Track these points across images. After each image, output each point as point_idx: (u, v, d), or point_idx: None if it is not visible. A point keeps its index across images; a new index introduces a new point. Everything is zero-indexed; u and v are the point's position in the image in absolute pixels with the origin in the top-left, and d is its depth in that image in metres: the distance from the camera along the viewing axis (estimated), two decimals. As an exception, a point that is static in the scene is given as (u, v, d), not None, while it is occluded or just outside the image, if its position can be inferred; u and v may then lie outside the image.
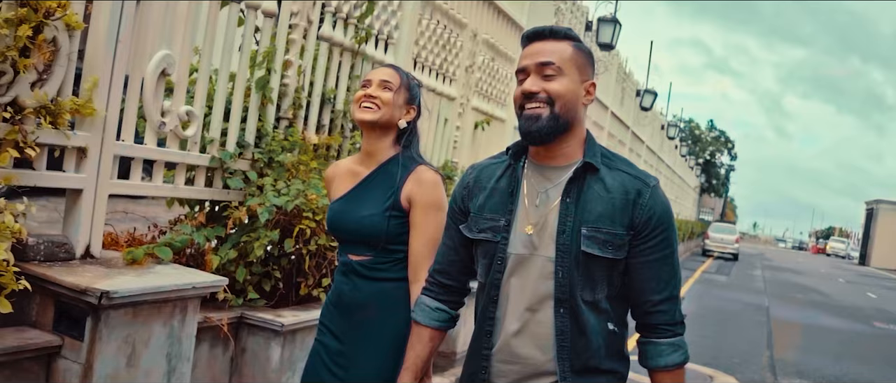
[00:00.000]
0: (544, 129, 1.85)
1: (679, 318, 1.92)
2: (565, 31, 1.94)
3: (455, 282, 2.14)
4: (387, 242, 2.41)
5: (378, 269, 2.42)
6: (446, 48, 6.31)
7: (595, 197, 1.86)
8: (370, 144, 2.50)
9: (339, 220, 2.49)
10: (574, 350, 1.87)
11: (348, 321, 2.45)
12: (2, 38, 2.69)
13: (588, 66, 1.95)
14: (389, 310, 2.40)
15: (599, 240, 1.84)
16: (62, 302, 2.79)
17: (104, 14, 3.09)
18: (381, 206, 2.41)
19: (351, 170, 2.56)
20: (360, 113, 2.45)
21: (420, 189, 2.40)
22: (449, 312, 2.16)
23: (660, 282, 1.88)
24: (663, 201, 1.91)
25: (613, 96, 14.04)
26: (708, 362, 7.80)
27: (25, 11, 2.74)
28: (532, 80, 1.88)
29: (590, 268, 1.85)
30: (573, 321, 1.86)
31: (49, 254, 2.94)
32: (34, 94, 2.81)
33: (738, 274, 23.41)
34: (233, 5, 3.87)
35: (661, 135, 22.75)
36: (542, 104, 1.86)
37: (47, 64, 2.86)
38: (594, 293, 1.87)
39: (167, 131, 3.51)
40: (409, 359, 2.17)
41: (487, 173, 2.05)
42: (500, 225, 1.94)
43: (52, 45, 2.85)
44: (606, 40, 10.93)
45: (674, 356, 1.90)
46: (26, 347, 2.71)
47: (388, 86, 2.47)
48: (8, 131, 2.73)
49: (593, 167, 1.88)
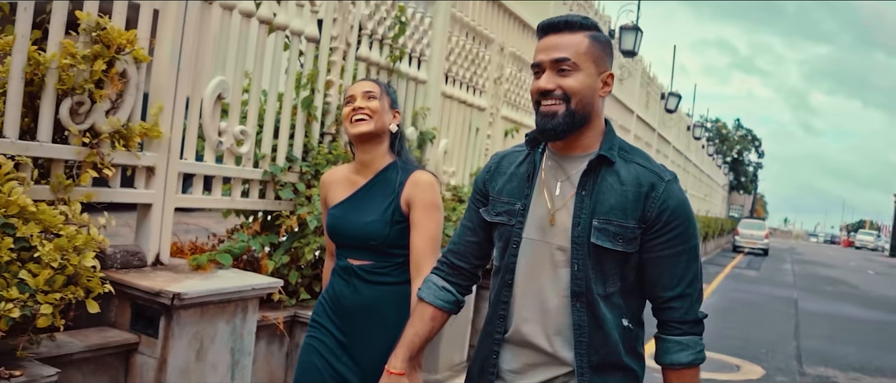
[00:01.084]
0: (560, 127, 1.79)
1: (692, 317, 1.80)
2: (581, 20, 1.84)
3: (466, 264, 2.04)
4: (388, 246, 2.40)
5: (379, 273, 2.42)
6: (475, 62, 6.49)
7: (608, 189, 1.79)
8: (366, 154, 2.49)
9: (339, 225, 2.47)
10: (592, 345, 1.80)
11: (350, 323, 2.44)
12: (80, 72, 2.94)
13: (605, 56, 1.85)
14: (391, 312, 2.40)
15: (610, 233, 1.77)
16: (138, 304, 3.03)
17: (166, 47, 3.34)
18: (383, 212, 2.40)
19: (348, 178, 2.54)
20: (355, 127, 2.43)
21: (418, 190, 2.40)
22: (455, 295, 2.05)
23: (672, 278, 1.79)
24: (678, 196, 1.80)
25: (638, 100, 14.09)
26: (735, 352, 7.85)
27: (99, 48, 2.99)
28: (547, 76, 1.81)
29: (601, 260, 1.78)
30: (590, 315, 1.80)
31: (125, 261, 3.19)
32: (109, 121, 3.06)
33: (767, 268, 23.18)
34: (279, 32, 4.10)
35: (688, 136, 22.65)
36: (557, 101, 1.78)
37: (119, 93, 3.11)
38: (606, 287, 1.80)
39: (224, 149, 3.75)
40: (406, 336, 2.04)
41: (509, 159, 2.00)
42: (516, 209, 1.89)
43: (122, 77, 3.10)
44: (629, 47, 11.01)
45: (679, 355, 1.79)
46: (108, 344, 2.95)
47: (372, 95, 2.46)
48: (87, 154, 2.99)
49: (608, 160, 1.80)
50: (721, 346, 8.09)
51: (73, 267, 2.45)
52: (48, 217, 2.53)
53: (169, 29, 3.35)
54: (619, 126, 12.53)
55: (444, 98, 5.98)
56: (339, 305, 2.45)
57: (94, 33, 2.99)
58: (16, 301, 2.25)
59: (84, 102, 2.98)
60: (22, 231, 2.39)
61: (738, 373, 6.91)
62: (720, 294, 13.77)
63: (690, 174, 24.25)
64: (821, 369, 7.55)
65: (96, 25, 2.99)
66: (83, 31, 2.98)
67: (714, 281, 16.37)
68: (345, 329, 2.44)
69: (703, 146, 27.88)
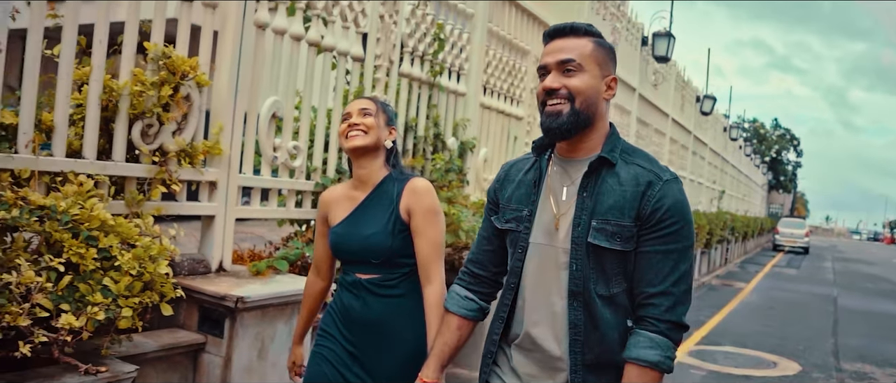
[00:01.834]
0: (565, 125, 1.78)
1: (670, 317, 1.72)
2: (585, 27, 1.85)
3: (486, 273, 2.04)
4: (393, 256, 2.36)
5: (387, 286, 2.37)
6: (512, 74, 6.61)
7: (608, 190, 1.77)
8: (362, 168, 2.44)
9: (343, 242, 2.42)
10: (587, 344, 1.77)
11: (360, 335, 2.39)
12: (149, 97, 3.15)
13: (609, 61, 1.85)
14: (401, 325, 2.36)
15: (608, 232, 1.74)
16: (205, 308, 3.22)
17: (225, 71, 3.54)
18: (385, 224, 2.36)
19: (347, 195, 2.49)
20: (350, 141, 2.40)
21: (415, 198, 2.36)
22: (478, 302, 2.05)
23: (657, 275, 1.73)
24: (676, 196, 1.75)
25: (673, 104, 14.03)
26: (772, 349, 7.81)
27: (165, 74, 3.20)
28: (553, 76, 1.81)
29: (601, 260, 1.76)
30: (587, 315, 1.77)
31: (192, 268, 3.39)
32: (175, 141, 3.27)
33: (808, 266, 22.77)
34: (326, 53, 4.28)
35: (725, 137, 22.38)
36: (562, 100, 1.78)
37: (184, 115, 3.31)
38: (609, 287, 1.76)
39: (279, 163, 3.94)
40: (436, 346, 2.05)
41: (517, 167, 2.00)
42: (524, 215, 1.88)
43: (187, 100, 3.30)
44: (662, 53, 10.98)
45: (647, 351, 1.70)
46: (179, 344, 3.15)
47: (368, 112, 2.43)
48: (157, 172, 3.20)
49: (609, 161, 1.79)
50: (758, 343, 8.06)
51: (150, 274, 2.65)
52: (125, 229, 2.73)
53: (227, 54, 3.56)
54: (654, 130, 12.52)
55: (483, 109, 6.12)
56: (348, 317, 2.40)
57: (161, 61, 3.20)
58: (100, 305, 2.45)
59: (153, 124, 3.20)
60: (103, 242, 2.59)
61: (774, 370, 6.89)
62: (759, 292, 13.63)
63: (728, 175, 23.94)
64: (858, 365, 7.47)
65: (162, 54, 3.20)
66: (151, 59, 3.19)
67: (753, 280, 16.20)
68: (355, 341, 2.39)
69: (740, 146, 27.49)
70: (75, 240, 2.51)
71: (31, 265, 2.36)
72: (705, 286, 13.87)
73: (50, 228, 2.48)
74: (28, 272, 2.31)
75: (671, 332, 1.71)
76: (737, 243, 21.97)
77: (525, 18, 6.81)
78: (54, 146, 2.92)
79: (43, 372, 2.42)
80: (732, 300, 12.05)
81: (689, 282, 1.76)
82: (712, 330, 8.78)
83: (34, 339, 2.29)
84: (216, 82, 3.55)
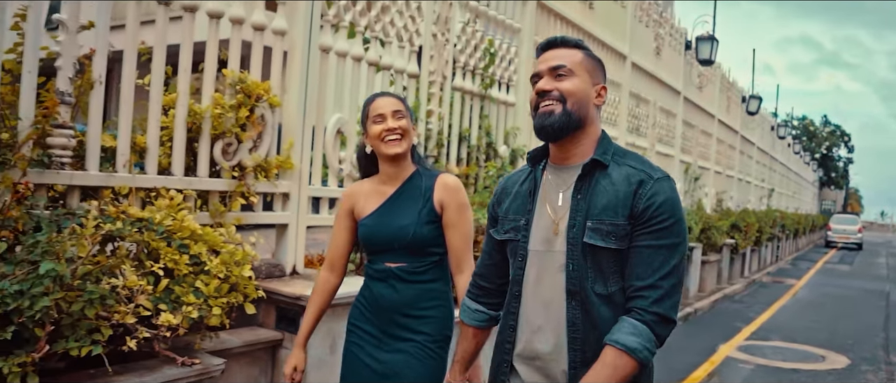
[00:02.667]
0: (556, 124, 1.78)
1: (657, 309, 1.69)
2: (576, 41, 1.89)
3: (491, 284, 2.05)
4: (423, 245, 2.40)
5: (416, 273, 2.41)
6: (559, 82, 6.72)
7: (601, 191, 1.76)
8: (394, 167, 2.46)
9: (374, 233, 2.44)
10: (585, 342, 1.75)
11: (389, 322, 2.42)
12: (228, 118, 3.39)
13: (598, 70, 1.87)
14: (431, 304, 2.41)
15: (602, 232, 1.73)
16: (281, 307, 3.44)
17: (294, 93, 3.77)
18: (418, 214, 2.39)
19: (375, 190, 2.50)
20: (390, 147, 2.40)
21: (450, 193, 2.41)
22: (487, 312, 2.08)
23: (647, 269, 1.71)
24: (668, 193, 1.74)
25: (719, 105, 13.89)
26: (821, 344, 7.70)
27: (242, 98, 3.43)
28: (545, 80, 1.82)
29: (598, 260, 1.75)
30: (584, 313, 1.76)
31: (268, 272, 3.62)
32: (252, 157, 3.50)
33: (861, 262, 22.14)
34: (385, 71, 4.48)
35: (772, 136, 21.98)
36: (554, 102, 1.79)
37: (259, 133, 3.54)
38: (607, 286, 1.75)
39: (344, 174, 4.15)
40: (457, 354, 2.14)
41: (513, 180, 2.01)
42: (521, 224, 1.88)
43: (261, 120, 3.53)
44: (705, 56, 10.92)
45: (628, 337, 1.67)
46: (259, 341, 3.37)
47: (401, 114, 2.43)
48: (237, 185, 3.43)
49: (601, 164, 1.79)
50: (807, 338, 7.97)
51: (235, 277, 2.87)
52: (212, 238, 2.96)
53: (295, 76, 3.78)
54: (700, 131, 12.44)
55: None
56: (377, 305, 2.44)
57: (238, 86, 3.43)
58: (194, 305, 2.68)
59: (232, 143, 3.43)
60: (194, 249, 2.83)
61: (822, 363, 6.82)
62: (809, 288, 13.38)
63: (777, 172, 23.48)
64: (909, 358, 7.35)
65: (239, 80, 3.43)
66: (229, 84, 3.43)
67: (804, 276, 15.88)
68: (384, 327, 2.42)
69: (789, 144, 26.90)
70: (170, 248, 2.75)
71: (133, 270, 2.60)
72: (756, 283, 13.66)
73: (148, 238, 2.72)
74: (131, 277, 2.55)
75: (656, 325, 1.69)
76: (788, 240, 21.51)
77: (569, 29, 6.93)
78: (147, 165, 3.17)
79: (146, 364, 2.65)
80: (783, 296, 11.88)
81: (679, 277, 1.74)
82: (761, 326, 8.70)
83: (138, 335, 2.52)
84: (286, 102, 3.77)
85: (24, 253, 2.38)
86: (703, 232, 10.37)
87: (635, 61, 8.80)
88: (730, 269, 12.65)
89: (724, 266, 12.17)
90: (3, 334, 2.15)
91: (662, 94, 10.11)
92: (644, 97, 9.28)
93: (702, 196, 12.15)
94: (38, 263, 2.29)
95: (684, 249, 1.76)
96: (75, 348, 2.32)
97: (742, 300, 11.15)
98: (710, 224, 10.65)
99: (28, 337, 2.25)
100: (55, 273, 2.25)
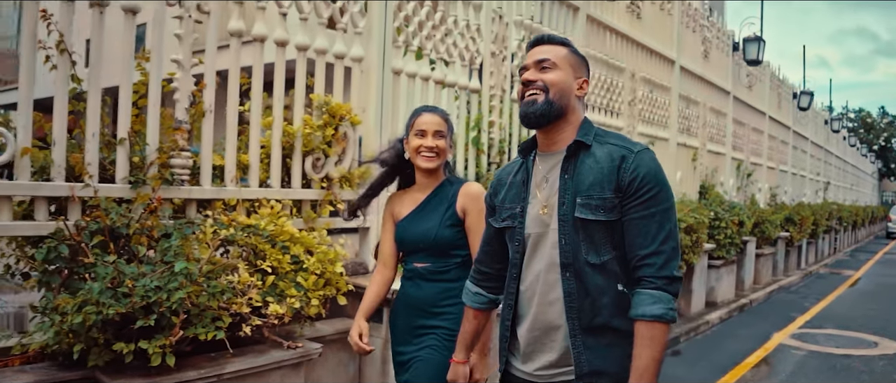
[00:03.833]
0: (538, 110, 1.85)
1: (666, 273, 1.75)
2: (562, 39, 1.96)
3: (490, 269, 2.10)
4: (445, 247, 2.48)
5: (438, 273, 2.50)
6: (610, 90, 6.89)
7: (587, 169, 1.82)
8: (426, 178, 2.57)
9: (404, 235, 2.57)
10: (581, 309, 1.81)
11: (415, 318, 2.52)
12: (316, 137, 3.73)
13: (581, 65, 1.94)
14: (449, 302, 2.48)
15: (591, 206, 1.79)
16: (367, 300, 3.74)
17: (372, 111, 4.08)
18: (440, 218, 2.49)
19: (411, 196, 2.62)
20: (424, 163, 2.51)
21: (471, 200, 2.48)
22: (486, 295, 2.13)
23: (646, 238, 1.76)
24: (649, 164, 1.80)
25: (769, 102, 13.70)
26: (875, 331, 7.56)
27: (327, 118, 3.77)
28: (531, 72, 1.89)
29: (589, 232, 1.80)
30: (578, 283, 1.81)
31: (354, 269, 3.93)
32: (337, 169, 3.83)
33: (922, 252, 21.33)
34: (449, 88, 4.76)
35: (826, 130, 21.40)
36: (538, 91, 1.86)
37: (343, 149, 3.87)
38: (599, 256, 1.80)
39: (416, 182, 4.45)
40: (461, 334, 2.20)
41: (506, 171, 2.07)
42: (517, 212, 1.93)
43: (344, 137, 3.86)
44: (752, 57, 10.85)
45: (652, 307, 1.73)
46: (348, 329, 3.61)
47: (442, 134, 2.52)
48: (325, 195, 3.76)
49: (584, 144, 1.85)
50: (860, 326, 7.86)
51: (329, 273, 3.19)
52: (307, 240, 3.29)
53: (372, 96, 4.10)
54: (751, 129, 12.32)
55: (585, 123, 6.43)
56: (406, 303, 2.57)
57: (324, 108, 3.77)
58: (296, 297, 3.00)
59: (320, 158, 3.77)
60: (293, 250, 3.16)
61: (874, 349, 6.75)
62: (867, 279, 13.02)
63: (833, 166, 22.81)
64: (965, 344, 7.18)
65: (324, 102, 3.77)
66: (316, 107, 3.77)
67: (862, 267, 15.42)
68: (410, 322, 2.54)
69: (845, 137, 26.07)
70: (274, 250, 3.08)
71: (246, 268, 2.94)
72: (813, 275, 13.39)
73: (255, 241, 3.06)
74: (244, 274, 2.89)
75: (668, 287, 1.75)
76: (846, 232, 20.89)
77: (618, 39, 7.09)
78: (250, 179, 3.53)
79: (256, 348, 2.98)
80: (839, 287, 11.63)
81: (676, 239, 1.81)
82: (816, 316, 8.61)
83: (251, 323, 2.85)
84: (365, 119, 4.09)
85: (158, 255, 2.75)
86: (757, 226, 10.29)
87: (683, 65, 8.86)
88: (786, 262, 12.47)
89: (780, 258, 12.00)
90: (147, 321, 2.49)
91: (712, 95, 10.11)
92: (693, 99, 9.32)
93: (755, 191, 12.03)
94: (171, 264, 2.65)
95: (674, 213, 1.83)
96: (202, 333, 2.65)
97: (798, 291, 10.99)
98: (764, 218, 10.56)
99: (165, 324, 2.59)
100: (187, 271, 2.59)
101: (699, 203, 8.40)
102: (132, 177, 3.01)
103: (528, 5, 5.57)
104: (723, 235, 8.37)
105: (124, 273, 2.54)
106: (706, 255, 8.05)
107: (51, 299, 2.56)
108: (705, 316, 7.64)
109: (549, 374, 1.89)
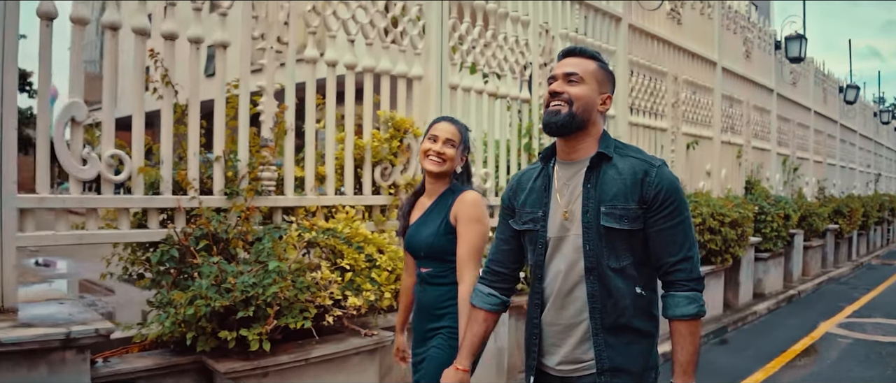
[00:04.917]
0: (560, 121, 1.86)
1: (695, 275, 1.85)
2: (592, 52, 1.95)
3: (505, 270, 2.09)
4: (442, 253, 2.45)
5: (439, 277, 2.47)
6: (654, 94, 6.98)
7: (610, 180, 1.85)
8: (433, 184, 2.55)
9: (411, 240, 2.56)
10: (604, 310, 1.86)
11: (423, 321, 2.52)
12: (383, 148, 3.99)
13: (607, 82, 1.94)
14: (447, 304, 2.45)
15: (616, 216, 1.83)
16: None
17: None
18: (438, 226, 2.46)
19: (421, 202, 2.62)
20: (429, 165, 2.50)
21: (462, 207, 2.43)
22: (499, 297, 2.09)
23: (674, 246, 1.84)
24: (669, 178, 1.86)
25: (814, 98, 13.41)
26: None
27: (393, 131, 4.03)
28: (558, 83, 1.90)
29: (611, 239, 1.84)
30: (602, 285, 1.85)
31: (419, 267, 4.17)
32: (403, 177, 4.08)
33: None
34: (502, 99, 4.97)
35: (876, 122, 20.67)
36: (563, 103, 1.87)
37: (407, 159, 4.12)
38: (620, 261, 1.85)
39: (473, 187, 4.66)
40: (466, 338, 2.09)
41: (527, 176, 2.06)
42: (538, 216, 1.95)
43: (408, 148, 4.11)
44: (795, 54, 10.67)
45: (689, 307, 1.82)
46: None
47: (453, 143, 2.50)
48: (392, 200, 4.02)
49: (606, 156, 1.88)
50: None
51: (399, 270, 3.44)
52: (379, 241, 3.55)
53: (431, 109, 4.33)
54: (797, 124, 12.11)
55: (632, 126, 6.54)
56: (417, 307, 2.57)
57: (389, 122, 4.03)
58: (370, 290, 3.26)
59: (387, 167, 4.03)
60: (367, 250, 3.42)
61: (923, 334, 6.66)
62: (918, 269, 12.64)
63: (884, 157, 22.03)
64: None
65: (390, 118, 4.03)
66: (383, 122, 4.03)
67: (915, 256, 14.94)
68: (421, 324, 2.54)
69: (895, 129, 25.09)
70: (350, 249, 3.35)
71: (327, 266, 3.21)
72: (864, 266, 13.02)
73: (334, 242, 3.34)
74: (326, 271, 3.16)
75: (698, 286, 1.85)
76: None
77: (659, 45, 7.16)
78: (326, 188, 3.81)
79: (338, 336, 3.24)
80: (890, 278, 11.33)
81: (696, 243, 1.89)
82: (865, 305, 8.45)
83: (333, 314, 3.12)
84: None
85: (253, 256, 3.05)
86: (804, 219, 10.14)
87: (725, 66, 8.83)
88: (836, 253, 12.19)
89: (829, 250, 11.74)
90: (246, 312, 2.78)
91: (755, 93, 10.01)
92: (736, 98, 9.27)
93: (802, 185, 11.82)
94: (265, 263, 2.94)
95: (691, 219, 1.91)
96: (292, 322, 2.93)
97: (847, 282, 10.76)
98: (811, 211, 10.39)
99: (260, 315, 2.87)
100: (279, 269, 2.88)
101: (744, 198, 8.37)
102: (227, 189, 3.32)
103: (572, 18, 5.73)
104: (769, 228, 8.32)
105: (226, 271, 2.84)
106: (753, 248, 8.02)
107: (165, 295, 2.88)
108: (753, 306, 7.63)
109: (569, 369, 1.94)
